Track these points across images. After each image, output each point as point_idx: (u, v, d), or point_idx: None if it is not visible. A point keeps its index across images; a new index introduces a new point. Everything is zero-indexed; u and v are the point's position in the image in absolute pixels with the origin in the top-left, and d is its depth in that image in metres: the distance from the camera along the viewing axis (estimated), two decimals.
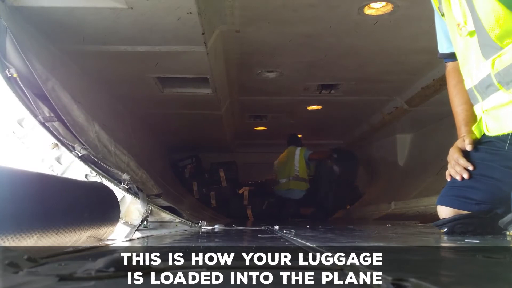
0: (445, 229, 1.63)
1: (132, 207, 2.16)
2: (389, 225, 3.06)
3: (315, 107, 4.98)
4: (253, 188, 6.41)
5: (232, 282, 0.52)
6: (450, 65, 1.78)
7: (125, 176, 2.21)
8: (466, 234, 1.55)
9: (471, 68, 1.44)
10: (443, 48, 1.75)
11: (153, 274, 0.57)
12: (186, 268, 0.61)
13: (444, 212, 1.66)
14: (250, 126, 5.99)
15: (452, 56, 1.68)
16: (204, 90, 3.75)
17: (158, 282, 0.53)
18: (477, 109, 1.50)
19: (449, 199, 1.66)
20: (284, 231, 1.89)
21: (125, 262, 0.56)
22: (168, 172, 5.88)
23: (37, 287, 0.49)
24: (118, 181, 2.19)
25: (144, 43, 2.82)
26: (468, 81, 1.48)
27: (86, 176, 2.10)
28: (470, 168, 1.61)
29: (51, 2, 2.31)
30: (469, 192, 1.62)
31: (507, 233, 1.53)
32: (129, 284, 0.51)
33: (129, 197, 2.16)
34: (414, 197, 4.53)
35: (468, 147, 1.64)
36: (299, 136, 6.19)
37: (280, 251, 1.04)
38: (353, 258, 0.75)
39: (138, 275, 0.55)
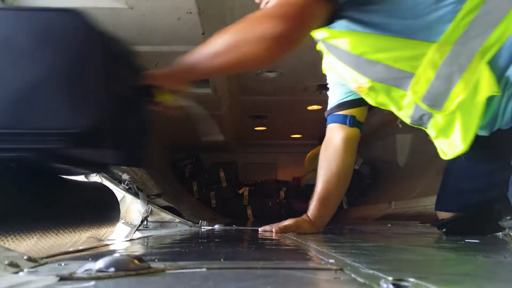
0: (444, 229, 1.63)
1: (132, 207, 2.16)
2: (389, 225, 3.06)
3: (315, 107, 4.97)
4: (253, 188, 6.41)
5: (232, 282, 0.52)
6: (329, 126, 1.81)
7: (125, 176, 2.21)
8: (466, 234, 1.55)
9: (400, 106, 1.43)
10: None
11: (153, 274, 0.57)
12: (186, 268, 0.61)
13: (443, 213, 1.66)
14: (250, 126, 5.99)
15: None
16: (204, 90, 3.75)
17: (158, 282, 0.53)
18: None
19: (447, 204, 1.66)
20: None
21: (125, 262, 0.56)
22: (168, 172, 5.88)
23: (37, 287, 0.49)
24: (118, 181, 2.19)
25: (144, 43, 2.82)
26: (406, 119, 1.46)
27: (86, 176, 2.10)
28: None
29: (51, 2, 2.31)
30: (465, 192, 1.61)
31: (506, 232, 1.53)
32: (129, 284, 0.51)
33: (129, 197, 2.16)
34: (414, 197, 4.52)
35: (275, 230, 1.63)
36: None
37: (280, 251, 1.04)
38: (353, 258, 0.75)
39: (138, 275, 0.55)
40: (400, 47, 1.21)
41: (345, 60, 1.36)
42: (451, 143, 1.22)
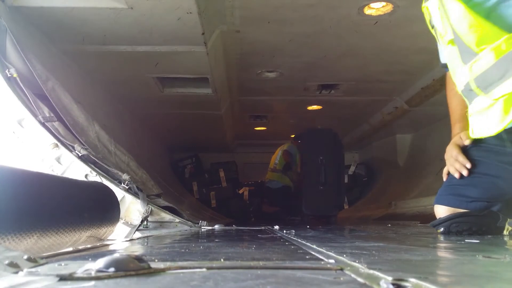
0: (442, 229, 1.63)
1: (132, 207, 2.16)
2: (389, 225, 3.06)
3: (315, 107, 4.98)
4: (253, 188, 6.40)
5: (232, 282, 0.52)
6: (448, 72, 1.82)
7: (125, 176, 2.21)
8: (463, 233, 1.56)
9: (456, 74, 1.52)
10: (442, 58, 1.79)
11: (153, 274, 0.57)
12: (186, 268, 0.61)
13: (441, 211, 1.67)
14: (250, 126, 5.99)
15: None
16: (204, 90, 3.75)
17: (158, 282, 0.53)
18: (468, 112, 1.55)
19: (445, 198, 1.68)
20: (284, 231, 1.89)
21: (125, 262, 0.56)
22: (168, 172, 5.88)
23: (37, 287, 0.49)
24: (118, 181, 2.19)
25: (144, 43, 2.82)
26: (458, 87, 1.55)
27: (86, 176, 2.10)
28: (468, 166, 1.63)
29: (51, 2, 2.31)
30: (465, 190, 1.63)
31: (504, 232, 1.53)
32: (129, 284, 0.51)
33: (129, 197, 2.16)
34: (414, 197, 4.53)
35: (466, 142, 1.68)
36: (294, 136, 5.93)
37: (280, 251, 1.04)
38: (353, 258, 0.75)
39: (137, 275, 0.55)
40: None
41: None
42: (484, 124, 1.33)
